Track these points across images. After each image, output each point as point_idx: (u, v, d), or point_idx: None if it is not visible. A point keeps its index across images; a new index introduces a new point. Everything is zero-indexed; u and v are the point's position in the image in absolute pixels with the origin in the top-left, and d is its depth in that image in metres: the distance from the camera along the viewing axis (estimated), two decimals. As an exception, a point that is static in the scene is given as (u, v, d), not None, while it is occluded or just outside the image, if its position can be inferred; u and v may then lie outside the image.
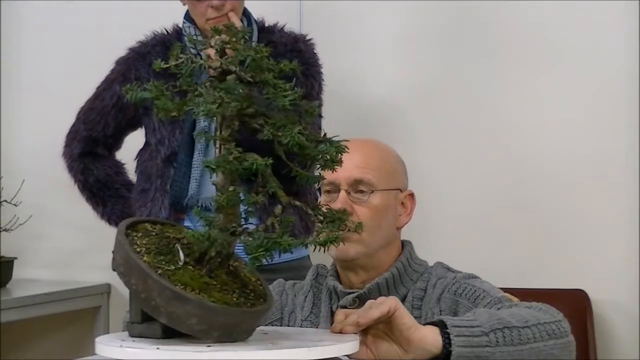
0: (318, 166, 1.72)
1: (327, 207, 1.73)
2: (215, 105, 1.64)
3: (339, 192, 2.05)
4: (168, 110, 1.68)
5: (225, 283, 1.68)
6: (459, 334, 1.75)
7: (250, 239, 1.64)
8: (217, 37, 1.72)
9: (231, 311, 1.63)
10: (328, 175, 2.03)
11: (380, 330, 1.79)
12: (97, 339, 1.71)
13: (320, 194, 2.10)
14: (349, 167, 2.02)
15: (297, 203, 1.69)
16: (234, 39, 1.71)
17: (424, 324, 1.79)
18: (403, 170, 2.14)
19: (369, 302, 1.81)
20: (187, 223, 2.76)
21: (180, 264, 1.68)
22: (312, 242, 1.65)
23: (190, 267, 1.68)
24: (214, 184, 1.70)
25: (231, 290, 1.68)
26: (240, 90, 1.67)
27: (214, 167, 1.66)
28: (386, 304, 1.77)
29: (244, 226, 1.69)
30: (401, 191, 2.10)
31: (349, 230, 1.88)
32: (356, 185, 2.05)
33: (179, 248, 1.70)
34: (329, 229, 1.67)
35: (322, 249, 1.65)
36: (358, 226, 1.74)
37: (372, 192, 2.04)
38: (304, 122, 1.68)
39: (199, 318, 1.62)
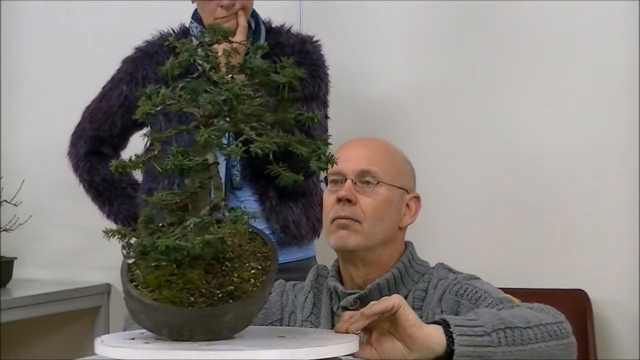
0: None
1: (241, 209, 1.70)
2: (152, 110, 1.66)
3: (345, 181, 2.06)
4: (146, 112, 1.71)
5: (192, 282, 1.68)
6: (461, 333, 1.75)
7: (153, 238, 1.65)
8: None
9: (170, 310, 1.64)
10: (335, 166, 2.06)
11: (384, 329, 1.79)
12: (97, 339, 1.72)
13: (326, 185, 2.11)
14: (357, 159, 2.06)
15: (223, 204, 1.70)
16: (210, 39, 1.72)
17: (428, 323, 1.80)
18: (410, 173, 2.15)
19: (372, 302, 1.82)
20: None
21: (129, 262, 1.70)
22: (191, 244, 1.64)
23: (173, 265, 1.69)
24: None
25: (196, 289, 1.68)
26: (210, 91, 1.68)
27: (114, 166, 1.70)
28: (391, 299, 1.78)
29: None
30: (407, 192, 2.11)
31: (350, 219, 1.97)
32: (362, 176, 2.06)
33: (123, 246, 1.71)
34: (224, 230, 1.66)
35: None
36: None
37: (378, 183, 2.06)
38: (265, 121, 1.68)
39: (145, 315, 1.67)
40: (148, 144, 2.93)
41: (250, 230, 1.80)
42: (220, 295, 1.68)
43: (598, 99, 3.16)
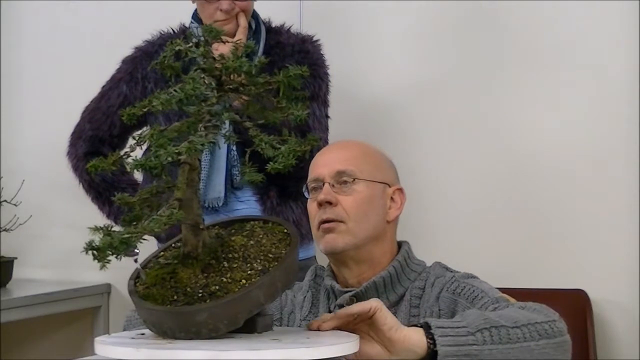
0: None
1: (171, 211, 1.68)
2: (138, 111, 1.68)
3: (324, 186, 2.06)
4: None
5: (182, 281, 1.69)
6: (443, 334, 1.77)
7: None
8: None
9: (146, 307, 1.67)
10: (312, 172, 2.07)
11: (364, 332, 1.81)
12: (97, 339, 1.72)
13: (308, 194, 2.11)
14: (332, 162, 2.08)
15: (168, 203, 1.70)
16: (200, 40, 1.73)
17: (409, 327, 1.81)
18: (390, 167, 2.15)
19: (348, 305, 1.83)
20: None
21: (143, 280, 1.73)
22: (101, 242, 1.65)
23: (179, 263, 1.71)
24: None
25: (182, 288, 1.69)
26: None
27: (89, 166, 1.73)
28: (368, 303, 1.80)
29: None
30: (389, 186, 2.11)
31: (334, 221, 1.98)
32: (339, 177, 2.07)
33: (138, 267, 1.74)
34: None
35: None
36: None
37: (354, 180, 2.06)
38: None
39: (136, 310, 1.72)
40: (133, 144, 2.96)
41: (285, 230, 1.80)
42: (200, 295, 1.68)
43: (598, 98, 3.16)
